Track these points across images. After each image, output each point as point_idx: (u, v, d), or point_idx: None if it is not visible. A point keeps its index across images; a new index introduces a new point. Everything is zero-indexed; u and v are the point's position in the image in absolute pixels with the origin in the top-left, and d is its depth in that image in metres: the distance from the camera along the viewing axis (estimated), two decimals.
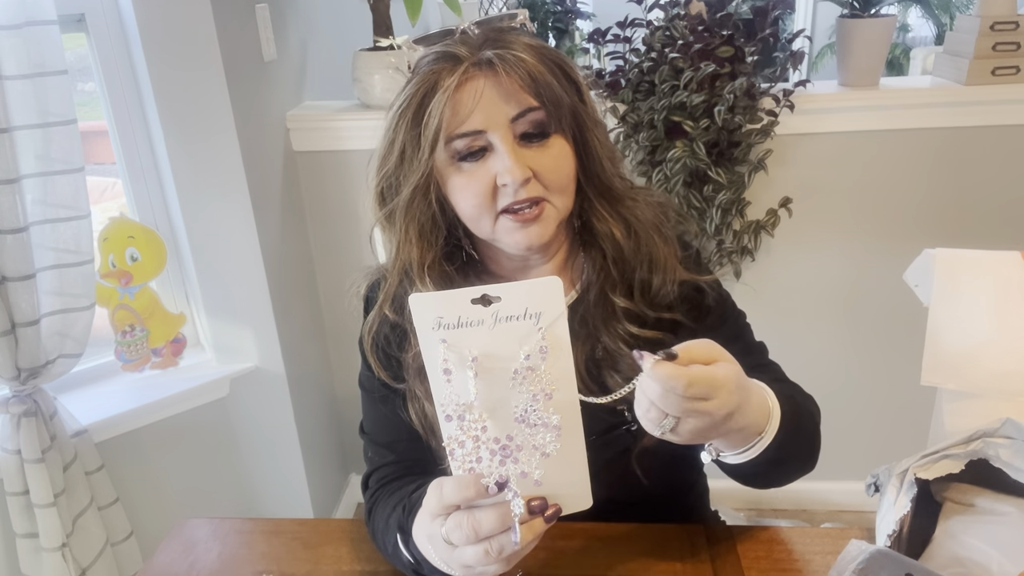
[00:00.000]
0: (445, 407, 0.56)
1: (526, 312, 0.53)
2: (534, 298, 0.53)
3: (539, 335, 0.54)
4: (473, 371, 0.54)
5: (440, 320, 0.53)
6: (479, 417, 0.55)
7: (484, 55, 0.77)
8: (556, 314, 0.54)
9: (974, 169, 1.76)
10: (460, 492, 0.59)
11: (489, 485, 0.58)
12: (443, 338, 0.54)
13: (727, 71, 1.61)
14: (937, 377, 0.96)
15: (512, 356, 0.54)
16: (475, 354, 0.54)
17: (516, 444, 0.56)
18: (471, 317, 0.53)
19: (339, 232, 1.95)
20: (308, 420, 1.94)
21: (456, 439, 0.57)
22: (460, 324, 0.54)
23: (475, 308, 0.53)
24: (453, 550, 0.62)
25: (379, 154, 0.84)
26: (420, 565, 0.73)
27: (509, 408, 0.55)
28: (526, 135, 0.78)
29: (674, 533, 0.88)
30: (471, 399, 0.55)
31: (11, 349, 1.36)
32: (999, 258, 0.99)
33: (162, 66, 1.52)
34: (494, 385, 0.55)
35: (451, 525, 0.60)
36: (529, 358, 0.54)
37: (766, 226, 1.79)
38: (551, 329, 0.54)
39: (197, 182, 1.62)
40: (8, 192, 1.30)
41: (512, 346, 0.54)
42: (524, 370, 0.54)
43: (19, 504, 1.45)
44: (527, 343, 0.54)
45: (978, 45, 1.66)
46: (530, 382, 0.55)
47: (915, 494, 0.73)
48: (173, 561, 0.90)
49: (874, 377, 1.97)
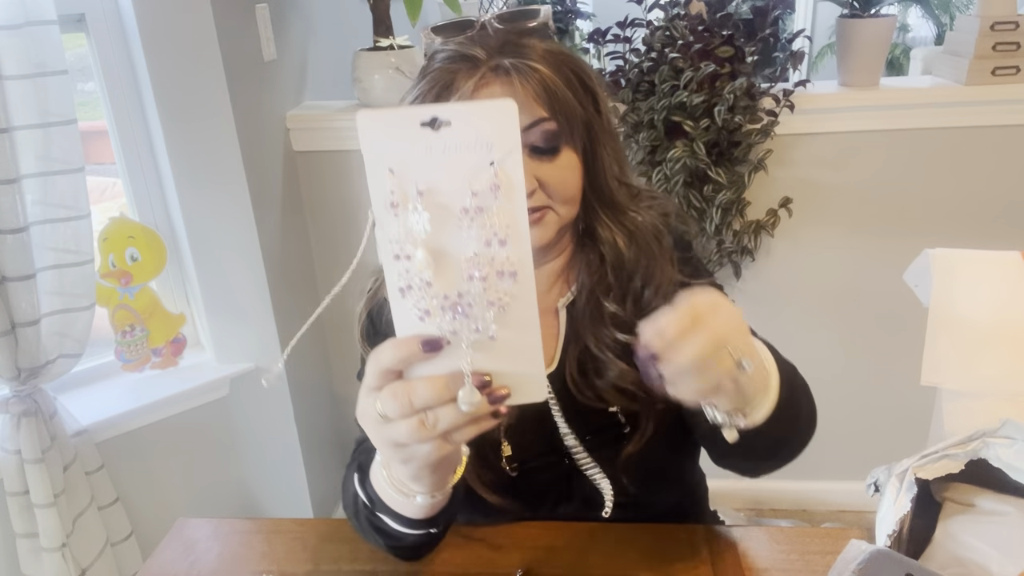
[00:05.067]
0: (392, 245, 0.49)
1: (477, 141, 0.47)
2: (486, 125, 0.47)
3: (491, 170, 0.48)
4: (421, 206, 0.48)
5: (387, 146, 0.48)
6: (427, 261, 0.49)
7: (501, 62, 0.76)
8: (509, 147, 0.48)
9: (974, 169, 1.76)
10: (396, 352, 0.52)
11: (430, 339, 0.51)
12: (390, 167, 0.48)
13: (727, 71, 1.61)
14: (937, 377, 0.97)
15: (461, 192, 0.48)
16: (421, 188, 0.48)
17: (468, 300, 0.50)
18: (419, 143, 0.48)
19: (339, 232, 1.95)
20: (308, 420, 1.94)
21: (401, 285, 0.50)
22: (407, 151, 0.48)
23: (424, 132, 0.47)
24: (385, 426, 0.55)
25: None
26: (374, 504, 0.70)
27: (459, 254, 0.49)
28: (535, 147, 0.77)
29: (674, 533, 0.88)
30: (417, 238, 0.49)
31: (11, 349, 1.36)
32: (999, 258, 1.00)
33: (162, 66, 1.52)
34: (442, 226, 0.49)
35: (385, 394, 0.53)
36: (478, 196, 0.48)
37: (766, 226, 1.79)
38: (503, 164, 0.48)
39: (197, 182, 1.62)
40: (8, 192, 1.30)
41: (460, 181, 0.48)
42: (474, 210, 0.48)
43: (19, 504, 1.45)
44: (477, 179, 0.48)
45: (978, 45, 1.66)
46: (479, 225, 0.49)
47: (915, 494, 0.73)
48: (173, 561, 0.90)
49: (874, 377, 1.97)
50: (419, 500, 0.65)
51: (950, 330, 0.97)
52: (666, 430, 0.90)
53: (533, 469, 0.91)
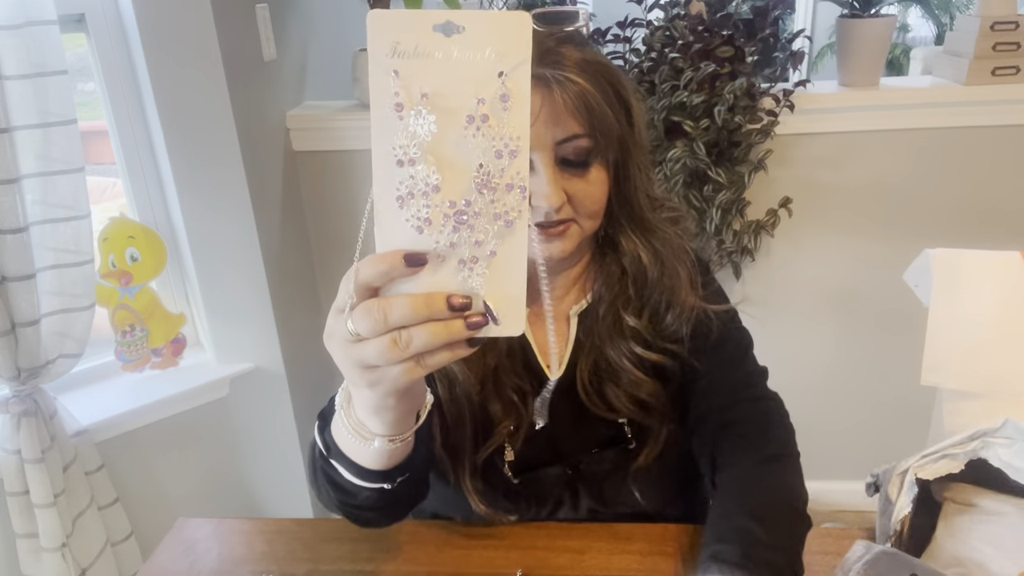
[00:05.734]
0: (395, 150, 0.48)
1: (488, 51, 0.47)
2: (501, 34, 0.47)
3: (500, 80, 0.47)
4: (426, 109, 0.47)
5: (396, 46, 0.47)
6: (432, 166, 0.48)
7: (541, 72, 0.74)
8: (521, 58, 0.47)
9: (974, 169, 1.76)
10: (377, 266, 0.49)
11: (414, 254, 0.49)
12: (395, 68, 0.47)
13: (727, 71, 1.61)
14: (937, 377, 0.97)
15: (468, 100, 0.47)
16: (426, 91, 0.47)
17: (475, 209, 0.48)
18: (429, 46, 0.47)
19: (339, 232, 1.95)
20: (308, 420, 1.93)
21: (401, 193, 0.48)
22: (416, 53, 0.47)
23: (435, 37, 0.47)
24: (354, 346, 0.52)
25: None
26: (329, 451, 0.68)
27: (466, 162, 0.48)
28: (567, 160, 0.76)
29: (674, 533, 0.88)
30: (423, 142, 0.47)
31: (11, 349, 1.36)
32: (999, 258, 1.00)
33: (162, 66, 1.52)
34: (448, 133, 0.48)
35: (359, 312, 0.50)
36: (484, 103, 0.47)
37: (766, 226, 1.79)
38: (513, 75, 0.47)
39: (197, 182, 1.62)
40: (8, 192, 1.30)
41: (468, 88, 0.47)
42: (479, 118, 0.47)
43: (19, 504, 1.45)
44: (485, 88, 0.47)
45: (978, 45, 1.66)
46: (486, 135, 0.48)
47: (915, 494, 0.73)
48: (173, 561, 0.90)
49: (874, 377, 1.97)
50: (376, 444, 0.63)
51: (950, 330, 0.97)
52: (675, 445, 0.90)
53: (536, 478, 0.91)
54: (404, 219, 0.49)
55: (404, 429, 0.63)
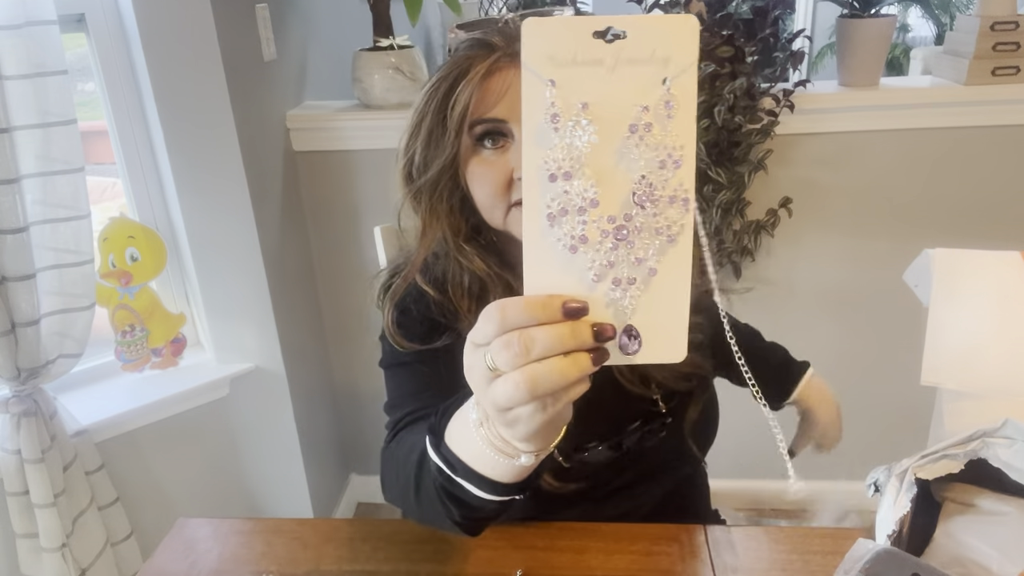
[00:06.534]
0: (548, 164, 0.45)
1: (653, 55, 0.44)
2: (665, 39, 0.45)
3: (664, 87, 0.45)
4: (587, 119, 0.45)
5: (552, 57, 0.45)
6: (590, 180, 0.45)
7: (518, 47, 0.76)
8: (688, 62, 0.45)
9: (974, 169, 1.76)
10: (528, 312, 0.45)
11: (575, 306, 0.45)
12: (552, 77, 0.45)
13: (727, 71, 1.61)
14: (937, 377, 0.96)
15: (630, 108, 0.45)
16: (586, 100, 0.45)
17: (635, 224, 0.45)
18: (588, 55, 0.44)
19: (339, 232, 1.95)
20: (308, 420, 1.94)
21: (552, 210, 0.45)
22: (575, 62, 0.44)
23: (595, 44, 0.44)
24: (488, 386, 0.49)
25: (407, 131, 0.85)
26: (454, 468, 0.62)
27: (626, 174, 0.46)
28: None
29: (674, 533, 0.89)
30: (581, 154, 0.45)
31: (11, 349, 1.36)
32: (999, 258, 0.99)
33: (162, 66, 1.52)
34: (607, 144, 0.45)
35: (498, 345, 0.46)
36: (648, 111, 0.45)
37: (766, 226, 1.79)
38: (678, 80, 0.45)
39: (197, 182, 1.62)
40: (8, 192, 1.30)
41: (631, 96, 0.45)
42: (643, 127, 0.45)
43: (19, 504, 1.45)
44: (648, 95, 0.45)
45: (978, 45, 1.66)
46: (649, 144, 0.45)
47: (915, 494, 0.73)
48: (173, 561, 0.90)
49: (874, 377, 1.97)
50: (523, 460, 0.58)
51: (950, 330, 0.97)
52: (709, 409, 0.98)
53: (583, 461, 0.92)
54: (556, 238, 0.46)
55: (554, 439, 0.58)
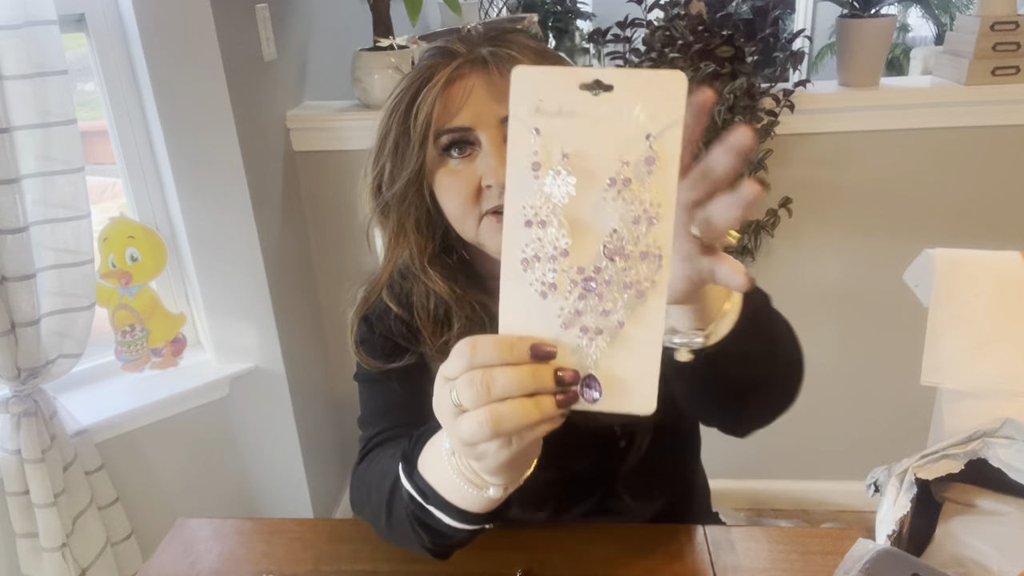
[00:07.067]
0: (525, 210, 0.46)
1: (637, 111, 0.45)
2: (652, 94, 0.45)
3: (647, 143, 0.45)
4: (566, 170, 0.46)
5: (540, 103, 0.45)
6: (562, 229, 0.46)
7: (479, 52, 0.75)
8: (673, 119, 0.45)
9: (974, 169, 1.76)
10: (498, 354, 0.46)
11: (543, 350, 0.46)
12: (537, 126, 0.46)
13: (727, 71, 1.61)
14: (937, 377, 0.97)
15: (611, 162, 0.46)
16: (568, 151, 0.46)
17: (604, 277, 0.46)
18: (574, 105, 0.45)
19: (339, 232, 1.95)
20: (308, 420, 1.94)
21: (526, 255, 0.46)
22: (560, 112, 0.45)
23: (581, 95, 0.45)
24: (454, 420, 0.49)
25: (374, 146, 0.83)
26: (425, 496, 0.63)
27: (600, 227, 0.46)
28: None
29: (674, 533, 0.88)
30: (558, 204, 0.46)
31: (11, 349, 1.36)
32: (999, 258, 1.00)
33: (162, 66, 1.52)
34: (585, 195, 0.46)
35: (463, 381, 0.47)
36: (628, 166, 0.45)
37: (766, 226, 1.79)
38: (662, 137, 0.45)
39: (197, 182, 1.62)
40: (8, 192, 1.30)
41: (613, 149, 0.46)
42: (621, 181, 0.45)
43: (19, 504, 1.45)
44: (631, 150, 0.45)
45: (978, 45, 1.66)
46: (625, 199, 0.46)
47: (915, 494, 0.73)
48: (173, 561, 0.90)
49: (874, 377, 1.97)
50: (491, 492, 0.59)
51: (950, 330, 0.97)
52: (662, 436, 0.90)
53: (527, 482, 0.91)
54: (528, 282, 0.47)
55: (523, 473, 0.59)
